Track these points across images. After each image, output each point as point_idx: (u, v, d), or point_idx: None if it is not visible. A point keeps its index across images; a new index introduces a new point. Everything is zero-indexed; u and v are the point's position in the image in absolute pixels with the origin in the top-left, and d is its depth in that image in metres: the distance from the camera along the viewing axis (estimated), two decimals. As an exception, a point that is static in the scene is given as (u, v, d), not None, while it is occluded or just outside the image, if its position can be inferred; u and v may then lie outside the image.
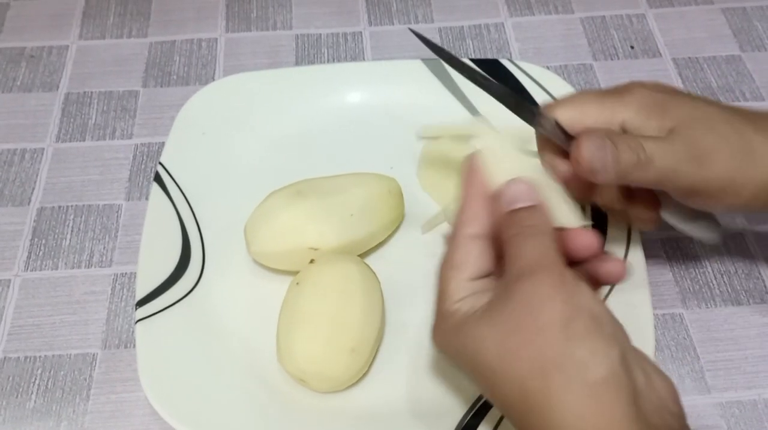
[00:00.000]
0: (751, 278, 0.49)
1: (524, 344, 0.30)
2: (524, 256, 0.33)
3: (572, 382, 0.29)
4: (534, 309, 0.31)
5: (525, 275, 0.32)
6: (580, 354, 0.30)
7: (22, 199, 0.52)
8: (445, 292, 0.35)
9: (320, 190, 0.46)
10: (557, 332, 0.30)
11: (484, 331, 0.32)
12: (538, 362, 0.30)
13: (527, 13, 0.64)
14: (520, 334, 0.31)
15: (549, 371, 0.30)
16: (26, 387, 0.44)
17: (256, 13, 0.64)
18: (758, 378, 0.44)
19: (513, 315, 0.31)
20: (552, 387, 0.29)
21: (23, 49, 0.61)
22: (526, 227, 0.34)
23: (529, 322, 0.31)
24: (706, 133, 0.38)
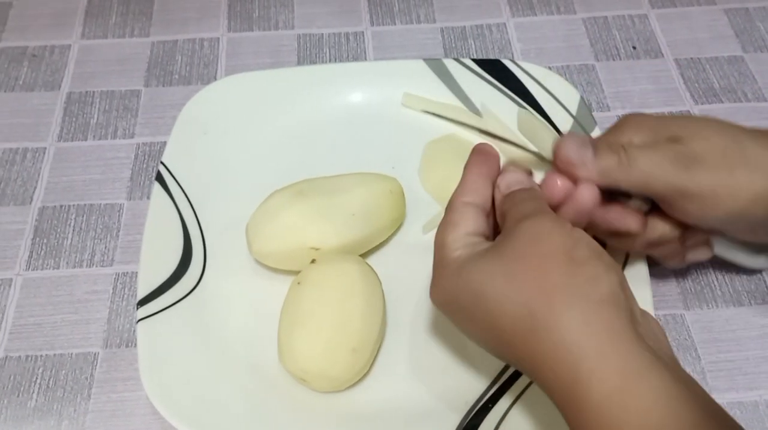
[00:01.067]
0: (752, 279, 0.49)
1: (530, 269, 0.33)
2: (521, 209, 0.36)
3: (576, 299, 0.31)
4: (537, 240, 0.33)
5: (524, 218, 0.35)
6: (584, 275, 0.32)
7: (24, 198, 0.52)
8: (443, 245, 0.37)
9: (322, 189, 0.46)
10: (561, 257, 0.32)
11: (490, 263, 0.34)
12: (544, 284, 0.32)
13: (529, 14, 0.64)
14: (526, 261, 0.33)
15: (554, 291, 0.32)
16: (27, 386, 0.44)
17: (258, 13, 0.64)
18: (760, 379, 0.44)
19: (517, 247, 0.34)
20: (557, 304, 0.31)
21: (25, 49, 0.61)
22: (521, 198, 0.37)
23: (533, 251, 0.33)
24: (698, 140, 0.38)
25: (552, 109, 0.53)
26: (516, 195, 0.37)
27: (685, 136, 0.38)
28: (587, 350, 0.30)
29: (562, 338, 0.31)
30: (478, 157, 0.40)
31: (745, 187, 0.37)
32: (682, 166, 0.37)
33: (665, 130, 0.39)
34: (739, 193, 0.37)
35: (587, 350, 0.30)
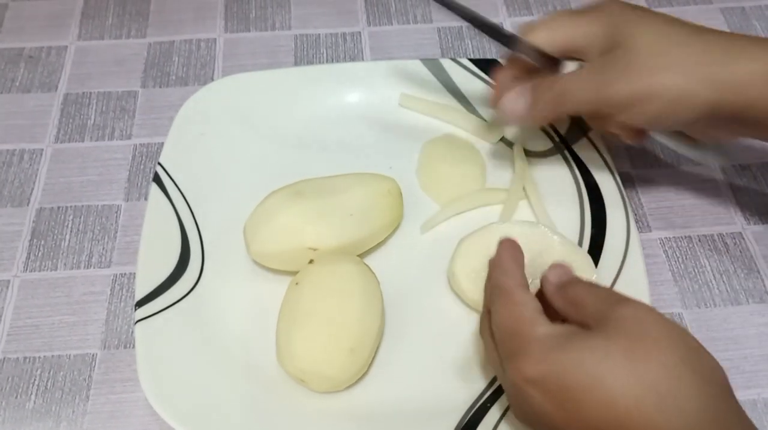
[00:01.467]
0: (750, 277, 0.49)
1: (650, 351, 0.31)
2: (599, 295, 0.35)
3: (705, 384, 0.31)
4: (646, 324, 0.32)
5: (615, 302, 0.34)
6: (707, 361, 0.33)
7: (21, 199, 0.52)
8: (522, 321, 0.35)
9: (319, 190, 0.46)
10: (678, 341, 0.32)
11: (602, 343, 0.32)
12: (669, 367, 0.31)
13: (526, 14, 0.64)
14: (644, 342, 0.32)
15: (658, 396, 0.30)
16: (26, 388, 0.44)
17: (254, 14, 0.64)
18: (757, 377, 0.44)
19: (629, 328, 0.32)
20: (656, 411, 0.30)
21: (22, 50, 0.61)
22: (580, 285, 0.37)
23: (647, 334, 0.32)
24: (628, 48, 0.41)
25: (549, 109, 0.53)
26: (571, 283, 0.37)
27: (622, 40, 0.41)
28: None
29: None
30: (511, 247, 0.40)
31: (664, 91, 0.39)
32: (604, 83, 0.41)
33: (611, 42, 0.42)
34: (658, 97, 0.40)
35: None
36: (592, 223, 0.48)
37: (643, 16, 0.42)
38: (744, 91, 0.39)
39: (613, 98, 0.41)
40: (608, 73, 0.41)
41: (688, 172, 0.54)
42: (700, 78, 0.39)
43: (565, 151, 0.52)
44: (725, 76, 0.39)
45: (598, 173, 0.50)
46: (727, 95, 0.39)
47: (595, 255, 0.46)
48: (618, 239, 0.46)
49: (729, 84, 0.39)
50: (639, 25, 0.41)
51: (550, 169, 0.51)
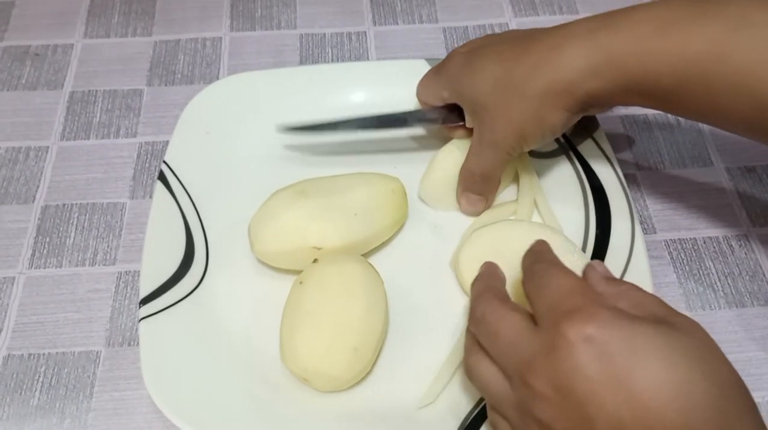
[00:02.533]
0: (755, 280, 0.48)
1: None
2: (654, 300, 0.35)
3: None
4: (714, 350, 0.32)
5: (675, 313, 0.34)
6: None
7: (27, 197, 0.52)
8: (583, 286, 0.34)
9: (324, 189, 0.46)
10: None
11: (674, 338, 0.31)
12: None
13: (532, 14, 0.64)
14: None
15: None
16: (30, 384, 0.44)
17: (260, 13, 0.64)
18: (762, 380, 0.44)
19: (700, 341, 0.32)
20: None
21: (28, 48, 0.61)
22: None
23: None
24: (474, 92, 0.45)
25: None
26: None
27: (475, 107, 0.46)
28: None
29: None
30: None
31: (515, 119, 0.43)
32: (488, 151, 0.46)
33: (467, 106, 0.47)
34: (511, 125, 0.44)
35: None
36: (597, 224, 0.48)
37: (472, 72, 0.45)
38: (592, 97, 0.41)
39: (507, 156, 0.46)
40: (483, 141, 0.45)
41: (693, 174, 0.54)
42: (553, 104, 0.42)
43: (570, 152, 0.51)
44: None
45: (603, 175, 0.50)
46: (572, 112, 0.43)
47: (599, 256, 0.46)
48: (622, 240, 0.46)
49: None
50: (472, 84, 0.45)
51: (555, 170, 0.51)
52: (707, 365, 0.30)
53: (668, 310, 0.34)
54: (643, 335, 0.30)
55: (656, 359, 0.29)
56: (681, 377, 0.29)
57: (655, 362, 0.29)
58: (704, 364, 0.30)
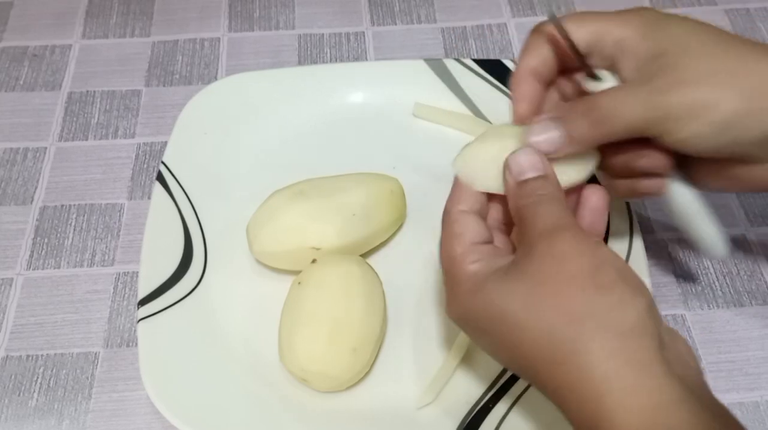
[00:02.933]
0: (753, 279, 0.49)
1: (552, 294, 0.31)
2: (542, 220, 0.33)
3: (602, 328, 0.30)
4: (561, 262, 0.31)
5: (546, 234, 0.32)
6: (609, 302, 0.30)
7: (25, 198, 0.52)
8: (453, 259, 0.35)
9: (322, 190, 0.46)
10: (586, 282, 0.31)
11: (510, 285, 0.32)
12: (568, 311, 0.30)
13: (530, 14, 0.64)
14: (548, 285, 0.31)
15: (578, 319, 0.30)
16: (28, 386, 0.44)
17: (258, 13, 0.64)
18: (760, 380, 0.44)
19: (539, 269, 0.32)
20: (582, 334, 0.30)
21: (26, 48, 0.61)
22: (538, 195, 0.34)
23: (556, 274, 0.31)
24: (682, 57, 0.35)
25: (553, 110, 0.52)
26: (532, 189, 0.35)
27: (668, 46, 0.36)
28: (612, 385, 0.29)
29: (585, 371, 0.29)
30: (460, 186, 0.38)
31: (732, 97, 0.34)
32: (657, 94, 0.35)
33: (669, 31, 0.36)
34: (727, 102, 0.34)
35: (612, 385, 0.29)
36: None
37: (686, 21, 0.37)
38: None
39: (671, 111, 0.35)
40: (659, 82, 0.35)
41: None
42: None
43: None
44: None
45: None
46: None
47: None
48: (621, 239, 0.46)
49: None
50: (687, 29, 0.36)
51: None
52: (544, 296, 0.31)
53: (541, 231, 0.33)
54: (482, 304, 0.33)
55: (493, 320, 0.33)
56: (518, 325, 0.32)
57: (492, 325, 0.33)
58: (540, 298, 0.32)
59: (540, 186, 0.35)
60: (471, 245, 0.35)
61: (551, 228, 0.33)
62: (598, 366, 0.29)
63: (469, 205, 0.37)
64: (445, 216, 0.37)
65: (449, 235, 0.36)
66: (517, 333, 0.32)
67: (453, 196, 0.37)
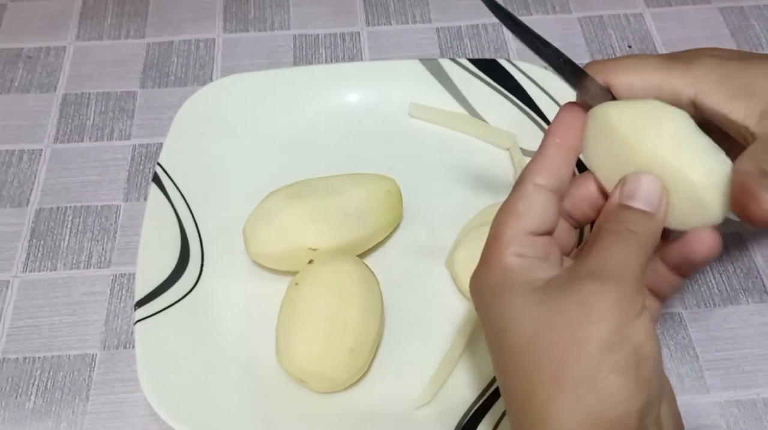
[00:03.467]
0: (749, 277, 0.49)
1: (555, 347, 0.28)
2: (607, 256, 0.29)
3: (580, 408, 0.27)
4: (584, 318, 0.28)
5: (596, 277, 0.29)
6: (604, 385, 0.27)
7: (21, 200, 0.52)
8: (499, 239, 0.31)
9: (319, 190, 0.46)
10: (592, 353, 0.27)
11: (526, 311, 0.29)
12: (558, 373, 0.28)
13: (525, 13, 0.64)
14: (557, 335, 0.28)
15: (563, 386, 0.28)
16: (25, 388, 0.44)
17: (253, 14, 0.64)
18: (757, 377, 0.44)
19: (562, 311, 0.28)
20: (558, 404, 0.28)
21: (20, 50, 0.61)
22: (627, 229, 0.30)
23: (572, 328, 0.28)
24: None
25: (548, 109, 0.53)
26: (627, 219, 0.30)
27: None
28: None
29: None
30: (564, 120, 0.33)
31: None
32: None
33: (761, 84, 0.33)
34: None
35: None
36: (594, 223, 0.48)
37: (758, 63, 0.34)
38: None
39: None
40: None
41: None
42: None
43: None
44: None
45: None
46: None
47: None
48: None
49: None
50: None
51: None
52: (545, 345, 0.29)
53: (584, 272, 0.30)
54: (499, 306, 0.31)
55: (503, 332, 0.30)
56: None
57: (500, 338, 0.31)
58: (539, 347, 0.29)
59: (638, 221, 0.30)
60: (524, 233, 0.31)
61: (606, 272, 0.29)
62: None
63: (547, 179, 0.32)
64: (519, 182, 0.32)
65: (510, 208, 0.32)
66: (509, 364, 0.30)
67: (537, 162, 0.32)
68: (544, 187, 0.32)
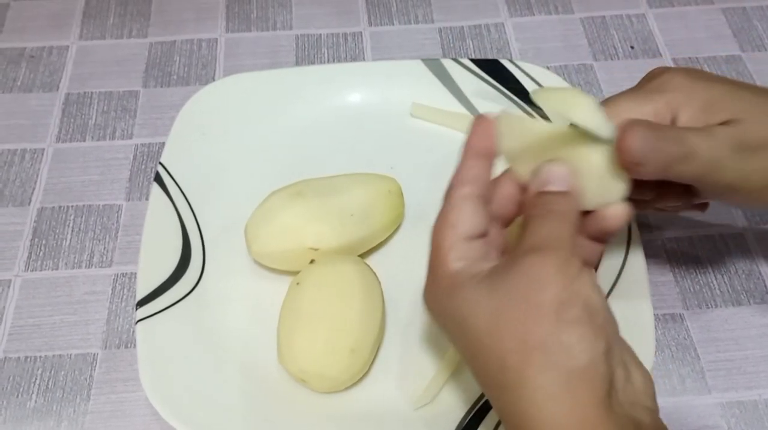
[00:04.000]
0: (751, 278, 0.49)
1: (514, 319, 0.30)
2: (539, 235, 0.32)
3: (552, 364, 0.29)
4: (533, 286, 0.31)
5: (532, 251, 0.32)
6: (566, 339, 0.30)
7: (23, 199, 0.52)
8: (440, 250, 0.34)
9: (320, 190, 0.46)
10: (549, 314, 0.30)
11: (480, 298, 0.32)
12: (523, 340, 0.30)
13: (527, 14, 0.64)
14: (514, 309, 0.30)
15: (531, 350, 0.30)
16: (27, 387, 0.44)
17: (256, 14, 0.64)
18: (759, 378, 0.44)
19: (511, 288, 0.31)
20: (530, 366, 0.29)
21: (23, 50, 0.61)
22: (549, 210, 0.33)
23: (524, 298, 0.30)
24: (754, 124, 0.35)
25: (550, 109, 0.52)
26: (547, 201, 0.34)
27: (739, 118, 0.36)
28: (550, 426, 0.29)
29: (526, 406, 0.29)
30: (478, 132, 0.36)
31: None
32: (741, 158, 0.35)
33: (718, 108, 0.36)
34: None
35: (550, 426, 0.29)
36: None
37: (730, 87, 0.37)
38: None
39: (750, 178, 0.36)
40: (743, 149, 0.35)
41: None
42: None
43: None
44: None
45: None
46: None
47: (596, 255, 0.46)
48: (619, 239, 0.46)
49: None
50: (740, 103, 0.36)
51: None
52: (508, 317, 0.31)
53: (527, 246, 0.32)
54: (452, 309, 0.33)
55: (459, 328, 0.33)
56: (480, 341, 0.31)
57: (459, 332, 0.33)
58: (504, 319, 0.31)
59: (556, 201, 0.34)
60: (461, 240, 0.34)
61: (541, 246, 0.32)
62: (538, 404, 0.29)
63: (471, 188, 0.35)
64: (446, 195, 0.35)
65: (443, 221, 0.35)
66: (476, 348, 0.31)
67: (460, 174, 0.35)
68: (470, 195, 0.35)
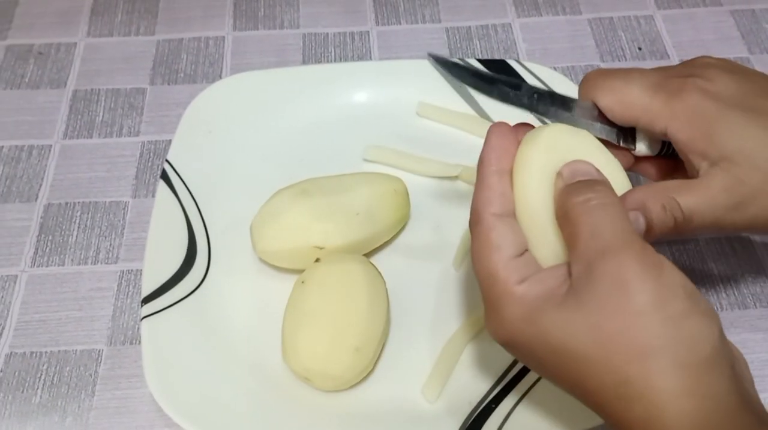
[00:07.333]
0: (757, 281, 0.48)
1: (618, 331, 0.29)
2: (601, 233, 0.30)
3: (676, 365, 0.28)
4: (626, 292, 0.29)
5: (607, 254, 0.29)
6: (682, 336, 0.28)
7: (30, 195, 0.52)
8: (495, 277, 0.32)
9: (326, 189, 0.46)
10: (655, 315, 0.28)
11: (572, 318, 0.30)
12: (638, 347, 0.28)
13: (535, 14, 0.64)
14: (616, 319, 0.29)
15: (649, 355, 0.28)
16: (32, 382, 0.44)
17: (263, 12, 0.64)
18: (764, 382, 0.44)
19: (604, 299, 0.29)
20: (654, 371, 0.28)
21: (31, 46, 0.62)
22: (594, 205, 0.31)
23: (623, 306, 0.29)
24: (750, 172, 0.35)
25: (557, 110, 0.52)
26: (587, 188, 0.32)
27: (735, 159, 0.35)
28: (687, 423, 0.27)
29: (658, 410, 0.28)
30: (498, 146, 0.35)
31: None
32: (736, 211, 0.35)
33: (723, 135, 0.36)
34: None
35: (687, 423, 0.27)
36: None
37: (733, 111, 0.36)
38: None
39: (757, 220, 0.36)
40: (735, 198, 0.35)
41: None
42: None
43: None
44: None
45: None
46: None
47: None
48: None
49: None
50: (741, 133, 0.35)
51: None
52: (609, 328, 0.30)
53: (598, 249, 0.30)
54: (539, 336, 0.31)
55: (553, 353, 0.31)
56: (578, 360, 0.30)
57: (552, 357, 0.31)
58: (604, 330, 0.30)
59: (597, 188, 0.32)
60: (512, 260, 0.32)
61: (613, 247, 0.30)
62: (672, 405, 0.28)
63: (502, 206, 0.33)
64: (477, 220, 0.34)
65: (486, 245, 0.33)
66: (582, 369, 0.30)
67: (482, 195, 0.34)
68: (502, 213, 0.33)
